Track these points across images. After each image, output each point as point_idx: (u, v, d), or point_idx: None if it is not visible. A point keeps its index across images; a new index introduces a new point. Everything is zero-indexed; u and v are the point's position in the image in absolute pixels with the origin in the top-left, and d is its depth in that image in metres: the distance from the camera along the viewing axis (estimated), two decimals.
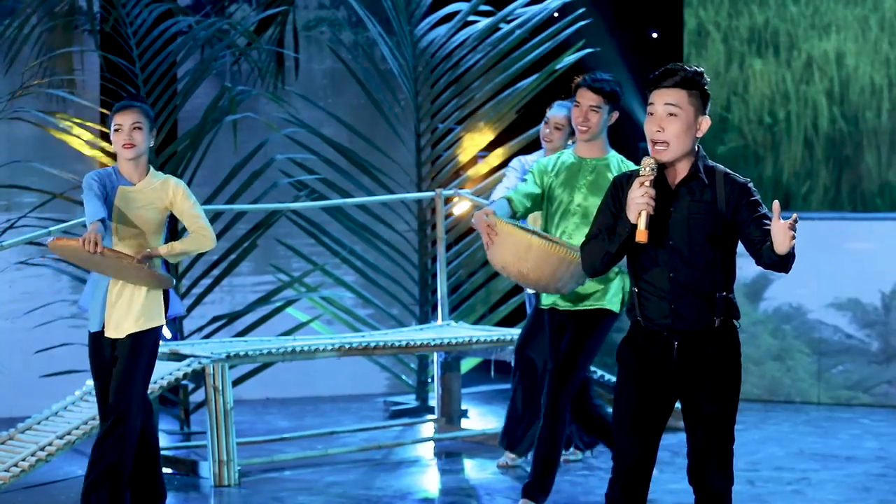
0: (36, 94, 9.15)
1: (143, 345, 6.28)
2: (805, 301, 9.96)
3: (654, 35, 11.72)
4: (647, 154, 4.73)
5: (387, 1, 9.86)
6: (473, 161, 10.44)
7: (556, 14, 10.09)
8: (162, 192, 6.31)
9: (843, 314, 9.92)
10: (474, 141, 10.09)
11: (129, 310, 6.28)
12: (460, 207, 9.92)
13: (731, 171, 4.80)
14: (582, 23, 9.93)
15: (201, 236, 6.34)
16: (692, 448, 4.83)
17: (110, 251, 6.09)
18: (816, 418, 9.48)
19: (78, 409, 7.49)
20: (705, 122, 4.74)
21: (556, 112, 7.74)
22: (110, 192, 6.29)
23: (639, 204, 4.62)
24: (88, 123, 9.33)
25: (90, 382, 7.72)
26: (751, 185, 4.79)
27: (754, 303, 10.05)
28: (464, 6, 10.08)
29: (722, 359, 4.76)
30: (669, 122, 4.68)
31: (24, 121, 9.03)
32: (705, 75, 4.75)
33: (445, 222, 9.52)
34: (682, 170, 4.75)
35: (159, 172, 6.38)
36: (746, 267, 9.96)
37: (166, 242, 6.32)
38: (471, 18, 10.10)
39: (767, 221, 4.68)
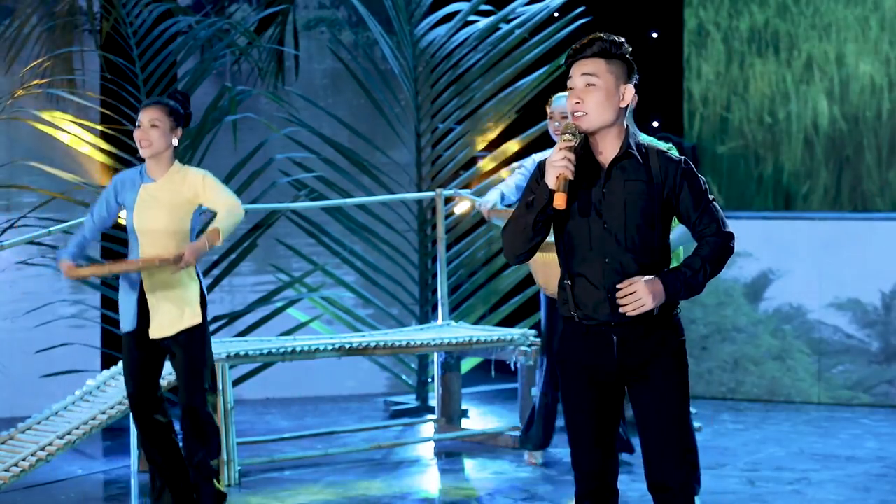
0: (36, 93, 9.15)
1: (196, 339, 6.37)
2: (805, 301, 9.95)
3: (655, 35, 11.72)
4: None
5: (387, 1, 9.86)
6: (474, 161, 10.44)
7: (556, 14, 10.09)
8: (183, 185, 6.33)
9: (844, 314, 9.91)
10: (474, 141, 10.09)
11: (173, 309, 6.34)
12: (461, 207, 9.92)
13: (662, 148, 4.62)
14: (582, 21, 9.93)
15: (228, 208, 6.33)
16: (647, 448, 4.60)
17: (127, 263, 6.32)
18: (817, 418, 9.48)
19: (78, 409, 7.49)
20: (629, 91, 4.53)
21: (559, 103, 7.65)
22: (129, 192, 6.37)
23: (557, 167, 4.42)
24: (88, 123, 9.33)
25: (90, 382, 7.75)
26: (689, 163, 4.59)
27: (754, 303, 10.04)
28: (464, 6, 10.08)
29: (666, 349, 4.54)
30: (588, 92, 4.49)
31: (25, 121, 9.03)
32: (626, 44, 4.58)
33: (446, 222, 9.52)
34: (612, 148, 4.54)
35: (184, 165, 6.41)
36: (746, 266, 10.03)
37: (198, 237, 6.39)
38: (471, 18, 10.10)
39: (714, 210, 4.53)
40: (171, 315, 6.36)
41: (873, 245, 9.87)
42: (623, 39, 4.59)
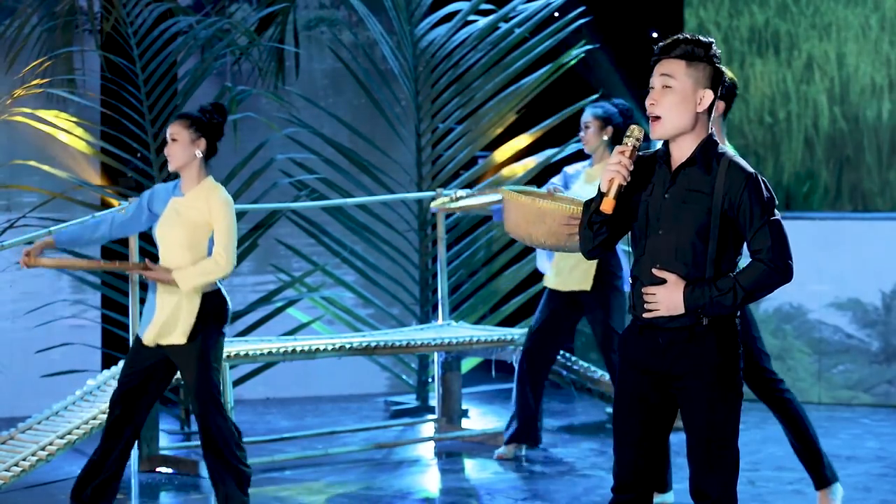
0: (36, 93, 9.14)
1: (192, 355, 6.33)
2: (805, 301, 9.95)
3: (655, 34, 11.70)
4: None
5: (387, 0, 9.85)
6: (474, 161, 10.43)
7: (556, 14, 10.08)
8: (202, 204, 6.33)
9: (844, 314, 9.91)
10: (475, 140, 10.09)
11: (171, 321, 6.35)
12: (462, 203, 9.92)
13: (739, 160, 4.44)
14: (582, 21, 9.92)
15: (212, 262, 6.27)
16: (689, 455, 4.56)
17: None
18: (817, 418, 9.42)
19: (78, 409, 7.49)
20: (707, 97, 4.40)
21: (585, 113, 7.95)
22: (160, 203, 6.41)
23: (611, 171, 4.36)
24: (89, 123, 9.33)
25: (91, 382, 7.75)
26: (758, 178, 4.41)
27: (755, 303, 10.03)
28: (464, 5, 10.07)
29: (712, 358, 4.45)
30: (663, 94, 4.40)
31: (25, 120, 9.02)
32: (714, 47, 4.43)
33: (446, 222, 9.52)
34: (684, 152, 4.43)
35: (214, 182, 6.39)
36: None
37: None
38: (471, 18, 10.09)
39: (773, 234, 4.38)
40: (169, 326, 6.35)
41: (873, 245, 9.87)
42: (712, 41, 4.46)
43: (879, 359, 9.86)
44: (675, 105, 4.40)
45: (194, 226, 6.30)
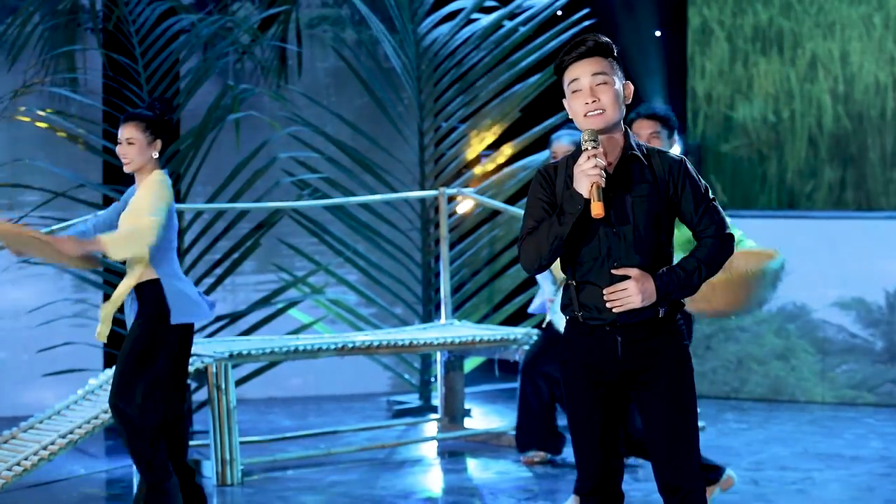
0: (38, 92, 9.13)
1: (127, 339, 6.29)
2: (809, 300, 9.93)
3: (658, 33, 11.68)
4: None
5: None
6: (477, 160, 10.42)
7: (559, 13, 10.07)
8: None
9: (848, 313, 9.89)
10: (478, 139, 10.07)
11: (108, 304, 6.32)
12: (464, 206, 9.91)
13: (664, 150, 4.56)
14: (587, 23, 9.90)
15: (129, 229, 6.11)
16: (656, 451, 4.55)
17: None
18: (820, 418, 9.46)
19: (80, 408, 7.48)
20: (629, 88, 4.50)
21: (558, 143, 7.88)
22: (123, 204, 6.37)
23: (590, 176, 4.34)
24: (91, 122, 9.32)
25: (93, 381, 7.73)
26: (688, 162, 4.54)
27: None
28: (467, 3, 10.05)
29: (669, 354, 4.49)
30: (602, 90, 4.43)
31: (27, 119, 9.02)
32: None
33: (449, 221, 9.50)
34: (616, 149, 4.48)
35: (163, 175, 6.34)
36: None
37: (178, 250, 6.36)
38: (474, 16, 10.08)
39: (714, 211, 4.50)
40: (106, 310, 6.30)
41: (877, 244, 9.85)
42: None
43: (883, 358, 9.84)
44: (615, 99, 4.46)
45: None
